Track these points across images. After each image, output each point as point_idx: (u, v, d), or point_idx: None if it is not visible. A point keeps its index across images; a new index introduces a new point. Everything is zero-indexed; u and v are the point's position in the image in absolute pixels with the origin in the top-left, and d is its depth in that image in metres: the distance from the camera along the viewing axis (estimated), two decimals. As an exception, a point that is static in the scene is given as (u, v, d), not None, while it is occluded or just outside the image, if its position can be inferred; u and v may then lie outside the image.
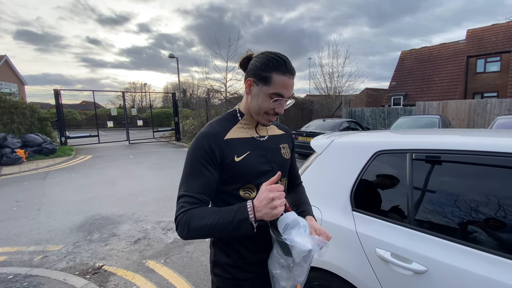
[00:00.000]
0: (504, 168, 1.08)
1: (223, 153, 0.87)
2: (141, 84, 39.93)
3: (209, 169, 0.86)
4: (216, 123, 0.95)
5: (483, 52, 16.93)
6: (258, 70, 0.88)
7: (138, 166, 7.71)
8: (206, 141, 0.87)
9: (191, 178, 0.85)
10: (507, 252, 0.98)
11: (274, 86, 0.87)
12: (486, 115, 9.79)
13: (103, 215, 4.02)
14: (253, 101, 0.92)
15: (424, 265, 1.10)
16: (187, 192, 0.83)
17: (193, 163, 0.86)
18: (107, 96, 15.29)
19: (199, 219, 0.78)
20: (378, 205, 1.38)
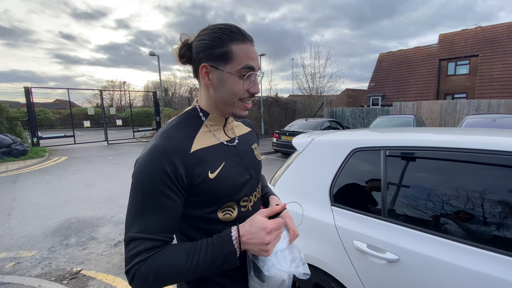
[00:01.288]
0: (470, 163, 1.18)
1: (192, 172, 0.66)
2: (120, 82, 38.60)
3: (173, 198, 0.63)
4: (174, 130, 0.70)
5: (454, 55, 17.96)
6: (211, 48, 0.68)
7: (118, 167, 7.47)
8: (166, 158, 0.63)
9: (146, 214, 0.62)
10: (475, 241, 1.07)
11: (239, 60, 0.68)
12: (456, 115, 10.42)
13: (80, 219, 3.87)
14: (220, 90, 0.71)
15: (397, 254, 1.18)
16: (142, 233, 0.61)
17: (147, 193, 0.62)
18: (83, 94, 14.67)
19: (166, 268, 0.59)
20: (355, 199, 1.45)
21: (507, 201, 1.07)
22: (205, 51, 0.68)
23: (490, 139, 1.22)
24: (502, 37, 16.45)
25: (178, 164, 0.63)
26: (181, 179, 0.64)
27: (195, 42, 0.71)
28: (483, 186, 1.14)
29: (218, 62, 0.68)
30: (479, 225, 1.12)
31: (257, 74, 0.72)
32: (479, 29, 18.09)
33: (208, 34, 0.69)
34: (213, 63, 0.69)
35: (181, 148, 0.66)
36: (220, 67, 0.68)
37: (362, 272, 1.29)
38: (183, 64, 0.75)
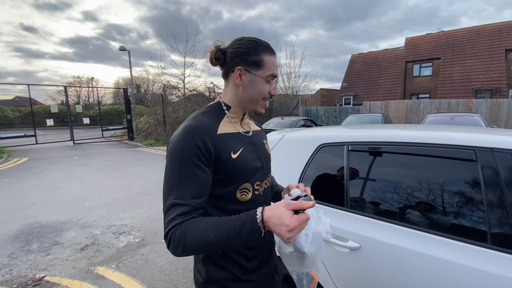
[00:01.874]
0: (423, 156, 1.28)
1: (219, 150, 0.77)
2: (87, 79, 36.42)
3: (204, 169, 0.74)
4: (203, 116, 0.83)
5: (418, 58, 19.19)
6: (247, 56, 0.82)
7: (85, 168, 7.08)
8: (198, 136, 0.74)
9: (182, 182, 0.71)
10: (430, 228, 1.17)
11: (268, 68, 0.84)
12: (420, 114, 11.15)
13: (42, 223, 3.63)
14: (249, 90, 0.85)
15: (358, 243, 1.26)
16: (179, 199, 0.70)
17: (183, 164, 0.72)
18: (46, 91, 13.53)
19: (198, 234, 0.66)
20: (321, 192, 1.52)
21: (460, 191, 1.18)
22: (242, 57, 0.82)
23: (435, 134, 1.34)
24: (462, 41, 17.84)
25: (208, 141, 0.75)
26: (210, 154, 0.75)
27: (230, 49, 0.84)
28: (437, 178, 1.24)
29: (252, 67, 0.83)
30: (434, 213, 1.22)
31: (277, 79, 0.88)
32: (441, 33, 19.47)
33: (245, 44, 0.83)
34: (247, 67, 0.83)
35: (209, 129, 0.78)
36: (253, 71, 0.83)
37: (327, 261, 1.35)
38: (214, 65, 0.88)
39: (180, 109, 13.02)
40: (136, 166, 7.39)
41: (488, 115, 9.89)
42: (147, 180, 5.80)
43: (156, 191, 4.99)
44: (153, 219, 3.72)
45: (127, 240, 3.16)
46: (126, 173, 6.50)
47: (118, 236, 3.25)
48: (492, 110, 9.90)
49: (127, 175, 6.35)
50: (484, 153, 1.13)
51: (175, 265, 2.62)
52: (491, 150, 1.13)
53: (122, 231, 3.38)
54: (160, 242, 3.07)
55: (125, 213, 3.97)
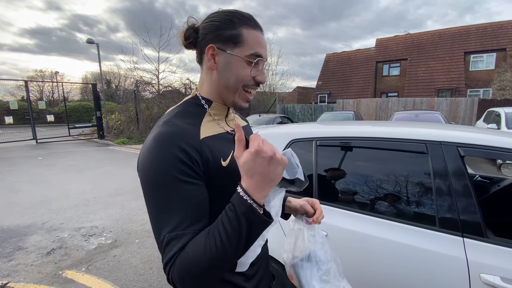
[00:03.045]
0: (383, 150, 1.38)
1: (207, 159, 0.61)
2: (51, 73, 33.96)
3: (194, 183, 0.57)
4: (177, 119, 0.64)
5: (388, 58, 20.21)
6: (220, 30, 0.64)
7: (50, 169, 6.66)
8: (175, 145, 0.57)
9: (170, 209, 0.55)
10: (390, 215, 1.28)
11: (249, 44, 0.64)
12: (388, 111, 11.80)
13: (3, 228, 3.38)
14: (225, 74, 0.66)
15: (325, 231, 1.34)
16: (174, 231, 0.53)
17: (165, 185, 0.55)
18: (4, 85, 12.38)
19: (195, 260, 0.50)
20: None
21: (414, 181, 1.30)
22: (214, 32, 0.65)
23: (392, 129, 1.45)
24: (426, 43, 19.05)
25: (190, 149, 0.58)
26: (197, 164, 0.58)
27: (202, 25, 0.67)
28: (395, 169, 1.36)
29: (227, 44, 0.64)
30: (392, 202, 1.34)
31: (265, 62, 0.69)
32: (408, 35, 20.64)
33: (219, 16, 0.66)
34: (221, 45, 0.64)
35: (187, 133, 0.60)
36: (228, 50, 0.64)
37: (297, 250, 1.42)
38: (187, 48, 0.70)
39: (154, 105, 12.62)
40: (108, 165, 7.08)
41: (448, 113, 10.71)
42: (119, 180, 5.59)
43: (130, 191, 4.84)
44: (125, 220, 3.61)
45: (98, 242, 3.04)
46: (97, 173, 6.21)
47: (88, 238, 3.12)
48: (452, 107, 10.74)
49: (98, 175, 6.07)
50: (433, 146, 1.26)
51: (149, 265, 2.58)
52: (440, 143, 1.25)
53: (93, 233, 3.24)
54: (133, 243, 3.00)
55: (95, 214, 3.81)
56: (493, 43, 16.44)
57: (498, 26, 16.97)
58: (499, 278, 1.00)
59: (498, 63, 15.68)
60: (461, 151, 1.21)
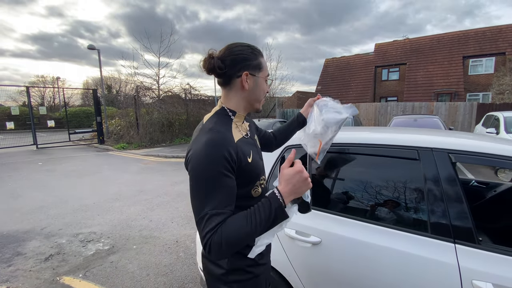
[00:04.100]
0: (376, 156, 1.40)
1: (240, 157, 0.83)
2: (52, 78, 34.15)
3: (231, 178, 0.80)
4: (220, 127, 0.86)
5: (387, 63, 20.32)
6: (249, 61, 0.90)
7: (50, 175, 6.67)
8: (225, 148, 0.79)
9: (214, 194, 0.75)
10: (384, 222, 1.28)
11: (265, 69, 0.96)
12: (387, 115, 11.82)
13: (3, 233, 3.39)
14: (255, 91, 0.94)
15: (319, 237, 1.35)
16: (215, 209, 0.74)
17: (213, 176, 0.76)
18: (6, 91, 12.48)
19: (235, 231, 0.72)
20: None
21: (407, 188, 1.31)
22: (244, 62, 0.90)
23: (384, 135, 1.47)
24: (425, 48, 19.17)
25: (232, 151, 0.80)
26: (234, 163, 0.81)
27: (230, 57, 0.89)
28: (388, 175, 1.37)
29: (255, 70, 0.92)
30: (387, 208, 1.35)
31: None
32: (407, 40, 20.78)
33: (245, 50, 0.90)
34: (252, 71, 0.91)
35: (230, 139, 0.84)
36: (257, 74, 0.93)
37: (292, 256, 1.43)
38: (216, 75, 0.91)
39: (154, 110, 12.67)
40: (107, 170, 7.10)
41: (447, 117, 10.74)
42: (118, 185, 5.60)
43: (128, 196, 4.84)
44: (124, 226, 3.61)
45: (95, 248, 3.04)
46: (96, 178, 6.22)
47: (86, 244, 3.12)
48: (450, 112, 10.77)
49: (97, 180, 6.08)
50: (425, 153, 1.27)
51: (146, 271, 2.58)
52: (431, 149, 1.27)
53: (91, 239, 3.25)
54: (131, 249, 3.00)
55: (94, 220, 3.81)
56: (492, 47, 16.53)
57: (497, 30, 17.08)
58: (491, 285, 1.00)
59: (497, 67, 15.75)
60: (452, 158, 1.23)
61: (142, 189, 5.27)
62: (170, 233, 3.39)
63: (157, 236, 3.30)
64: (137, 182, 5.86)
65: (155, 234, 3.35)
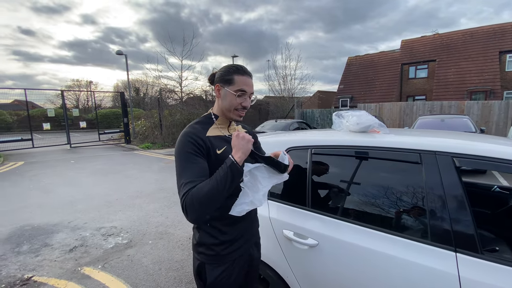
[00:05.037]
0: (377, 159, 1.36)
1: (208, 147, 1.04)
2: (86, 82, 36.52)
3: (200, 157, 1.00)
4: (196, 125, 1.11)
5: (414, 60, 19.33)
6: (222, 76, 1.11)
7: (80, 172, 7.16)
8: (191, 137, 1.02)
9: (187, 168, 0.97)
10: (382, 226, 1.25)
11: (237, 84, 1.08)
12: (413, 116, 11.25)
13: (34, 225, 3.70)
14: (224, 101, 1.11)
15: (316, 240, 1.34)
16: (188, 179, 0.94)
17: (185, 156, 0.99)
18: (45, 95, 13.65)
19: (201, 189, 0.90)
20: (287, 193, 1.60)
21: (408, 192, 1.27)
22: (219, 77, 1.12)
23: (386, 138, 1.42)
24: (457, 43, 18.00)
25: (199, 140, 1.03)
26: (202, 147, 1.02)
27: (217, 72, 1.15)
28: (389, 179, 1.33)
29: (225, 84, 1.10)
30: (384, 213, 1.31)
31: (250, 95, 1.13)
32: (436, 35, 19.63)
33: (224, 68, 1.13)
34: (222, 84, 1.11)
35: (200, 132, 1.07)
36: (225, 87, 1.10)
37: (289, 257, 1.43)
38: (211, 84, 1.19)
39: (177, 112, 13.11)
40: (131, 169, 7.47)
41: (480, 117, 10.00)
42: (140, 183, 5.87)
43: (149, 194, 5.07)
44: (142, 222, 3.80)
45: (115, 241, 3.23)
46: (121, 176, 6.58)
47: (107, 238, 3.32)
48: (483, 111, 10.01)
49: (122, 178, 6.43)
50: (428, 156, 1.22)
51: (159, 266, 2.69)
52: (434, 153, 1.22)
53: (111, 233, 3.45)
54: (147, 244, 3.15)
55: (115, 215, 4.04)
56: (533, 41, 15.14)
57: (539, 22, 15.61)
58: (493, 297, 0.95)
59: (539, 63, 14.38)
60: (456, 162, 1.17)
61: (162, 187, 5.49)
62: (184, 230, 3.51)
63: (171, 233, 3.43)
64: (158, 180, 6.11)
65: (170, 231, 3.49)
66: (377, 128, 1.56)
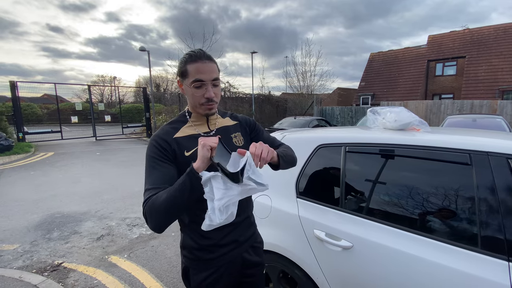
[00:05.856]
0: (420, 159, 1.28)
1: (174, 150, 0.96)
2: (110, 78, 37.91)
3: (165, 162, 0.93)
4: (166, 126, 1.04)
5: (442, 56, 18.36)
6: (178, 69, 0.99)
7: (105, 163, 7.44)
8: (155, 140, 0.97)
9: (150, 174, 0.93)
10: (422, 230, 1.18)
11: (191, 75, 0.94)
12: (440, 115, 10.71)
13: (64, 213, 3.89)
14: (188, 97, 1.01)
15: (351, 242, 1.28)
16: (150, 185, 0.90)
17: (148, 161, 0.95)
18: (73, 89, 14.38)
19: (158, 198, 0.83)
20: (318, 191, 1.55)
21: (454, 195, 1.18)
22: (177, 72, 1.00)
23: (431, 137, 1.33)
24: (488, 39, 16.89)
25: (163, 143, 0.96)
26: (167, 152, 0.95)
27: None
28: (432, 180, 1.25)
29: (182, 78, 0.99)
30: (426, 216, 1.23)
31: (209, 83, 0.95)
32: (466, 31, 18.52)
33: (181, 60, 0.98)
34: (181, 79, 1.00)
35: (167, 135, 0.99)
36: (184, 82, 0.98)
37: (320, 258, 1.39)
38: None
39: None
40: (152, 162, 7.66)
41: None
42: (161, 176, 6.01)
43: (169, 187, 5.18)
44: (164, 214, 3.88)
45: (139, 232, 3.32)
46: (143, 169, 6.72)
47: (132, 228, 3.42)
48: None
49: (143, 170, 6.60)
50: (479, 157, 1.13)
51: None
52: (486, 154, 1.12)
53: (136, 224, 3.55)
54: (169, 236, 3.21)
55: (139, 206, 4.16)
56: None
57: None
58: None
59: None
60: (511, 163, 1.07)
61: (182, 181, 5.59)
62: (205, 224, 3.54)
63: (193, 227, 3.48)
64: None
65: (192, 225, 3.54)
66: (418, 126, 1.47)
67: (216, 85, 0.99)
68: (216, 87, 1.00)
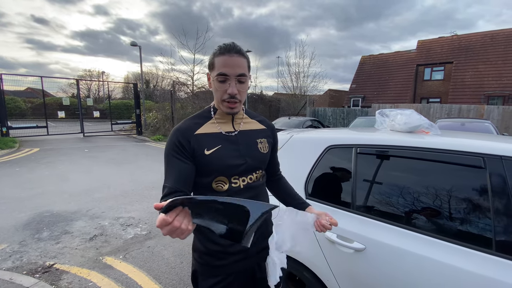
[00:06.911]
0: (432, 162, 1.29)
1: (193, 147, 0.93)
2: (98, 72, 36.92)
3: (182, 160, 0.91)
4: (190, 119, 1.01)
5: (430, 61, 18.86)
6: (209, 62, 0.96)
7: (94, 161, 7.23)
8: (175, 136, 0.94)
9: (168, 172, 0.91)
10: (434, 232, 1.18)
11: (217, 68, 0.90)
12: (429, 118, 10.97)
13: (53, 212, 3.74)
14: (213, 92, 0.97)
15: (363, 244, 1.28)
16: (167, 183, 0.89)
17: (167, 157, 0.93)
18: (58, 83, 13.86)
19: None
20: (328, 193, 1.54)
21: (467, 198, 1.19)
22: (208, 63, 0.97)
23: (445, 139, 1.34)
24: (476, 46, 17.47)
25: (182, 140, 0.93)
26: (185, 149, 0.92)
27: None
28: (444, 183, 1.25)
29: (210, 70, 0.96)
30: (440, 218, 1.23)
31: (233, 78, 0.90)
32: (455, 37, 19.09)
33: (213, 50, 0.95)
34: (210, 71, 0.97)
35: (188, 130, 0.95)
36: (211, 75, 0.95)
37: (331, 261, 1.38)
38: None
39: (188, 105, 13.13)
40: (144, 160, 7.51)
41: (500, 122, 9.69)
42: (155, 175, 5.89)
43: (163, 186, 5.07)
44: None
45: (134, 232, 3.23)
46: (134, 167, 6.61)
47: (126, 228, 3.33)
48: (504, 117, 9.70)
49: (135, 169, 6.46)
50: (493, 161, 1.14)
51: (180, 259, 2.67)
52: (500, 158, 1.13)
53: (130, 223, 3.45)
54: (166, 236, 3.13)
55: (132, 205, 4.05)
56: (558, 45, 14.56)
57: None
58: None
59: None
60: (526, 168, 1.08)
61: (176, 180, 5.49)
62: (202, 224, 3.48)
63: (189, 226, 3.41)
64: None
65: (188, 224, 3.47)
66: (427, 129, 1.48)
67: (242, 82, 0.93)
68: (242, 84, 0.94)
